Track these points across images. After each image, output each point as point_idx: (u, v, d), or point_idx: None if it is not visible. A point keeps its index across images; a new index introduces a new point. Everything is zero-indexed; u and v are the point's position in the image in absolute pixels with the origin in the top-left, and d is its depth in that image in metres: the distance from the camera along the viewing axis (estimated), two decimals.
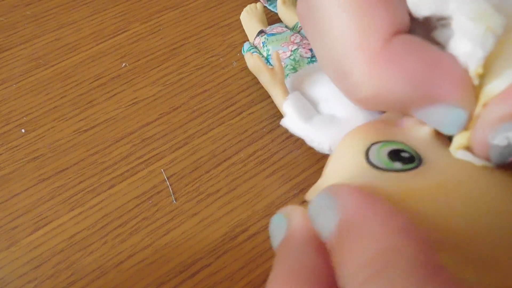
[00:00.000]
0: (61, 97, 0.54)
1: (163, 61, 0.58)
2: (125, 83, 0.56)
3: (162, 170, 0.48)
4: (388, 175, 0.18)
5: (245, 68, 0.57)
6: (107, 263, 0.42)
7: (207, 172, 0.48)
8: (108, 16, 0.64)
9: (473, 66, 0.15)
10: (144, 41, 0.60)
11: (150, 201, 0.46)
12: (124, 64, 0.57)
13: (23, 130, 0.51)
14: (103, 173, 0.48)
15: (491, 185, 0.18)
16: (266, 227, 0.45)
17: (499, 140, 0.16)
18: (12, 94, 0.54)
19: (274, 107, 0.53)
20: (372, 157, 0.19)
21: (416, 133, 0.20)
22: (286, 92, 0.47)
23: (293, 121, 0.45)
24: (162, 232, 0.44)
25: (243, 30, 0.61)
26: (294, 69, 0.50)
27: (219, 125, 0.52)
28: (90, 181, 0.47)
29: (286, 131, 0.51)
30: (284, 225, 0.18)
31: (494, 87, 0.15)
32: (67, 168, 0.48)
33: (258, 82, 0.55)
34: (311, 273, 0.15)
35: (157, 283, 0.41)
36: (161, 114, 0.53)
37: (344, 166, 0.19)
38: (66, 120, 0.52)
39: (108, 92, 0.54)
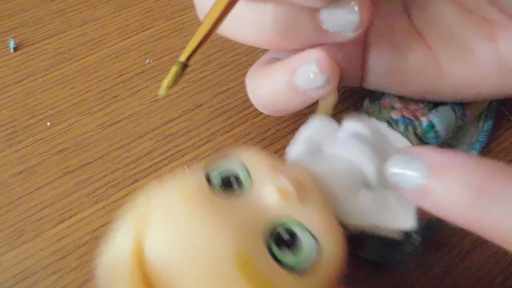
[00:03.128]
0: (86, 92, 0.54)
1: None
2: (148, 79, 0.56)
3: (185, 166, 0.48)
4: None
5: None
6: None
7: None
8: (132, 13, 0.64)
9: None
10: (168, 39, 0.61)
11: None
12: (148, 61, 0.58)
13: (48, 123, 0.51)
14: (127, 167, 0.48)
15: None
16: None
17: None
18: (38, 87, 0.54)
19: None
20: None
21: None
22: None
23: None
24: None
25: None
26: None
27: (242, 123, 0.52)
28: (113, 176, 0.48)
29: None
30: None
31: None
32: (91, 162, 0.48)
33: None
34: None
35: None
36: (184, 111, 0.53)
37: None
38: (91, 115, 0.52)
39: (132, 88, 0.55)
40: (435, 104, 0.46)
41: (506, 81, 0.36)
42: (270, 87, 0.35)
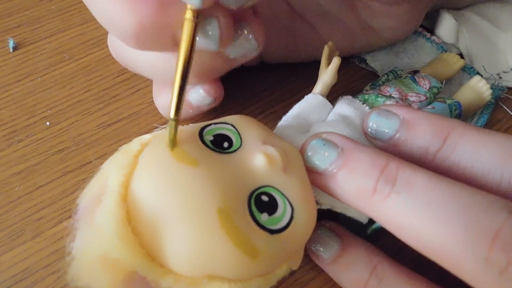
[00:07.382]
0: (85, 91, 0.54)
1: None
2: (148, 79, 0.56)
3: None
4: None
5: (268, 66, 0.57)
6: None
7: None
8: None
9: None
10: None
11: None
12: None
13: (48, 123, 0.51)
14: None
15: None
16: None
17: None
18: (37, 87, 0.54)
19: None
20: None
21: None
22: (317, 89, 0.42)
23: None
24: None
25: None
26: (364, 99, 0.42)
27: None
28: None
29: None
30: None
31: None
32: (91, 162, 0.48)
33: (281, 81, 0.56)
34: None
35: None
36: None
37: None
38: (90, 114, 0.52)
39: (131, 88, 0.55)
40: (435, 100, 0.46)
41: (371, 38, 0.48)
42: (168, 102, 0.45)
